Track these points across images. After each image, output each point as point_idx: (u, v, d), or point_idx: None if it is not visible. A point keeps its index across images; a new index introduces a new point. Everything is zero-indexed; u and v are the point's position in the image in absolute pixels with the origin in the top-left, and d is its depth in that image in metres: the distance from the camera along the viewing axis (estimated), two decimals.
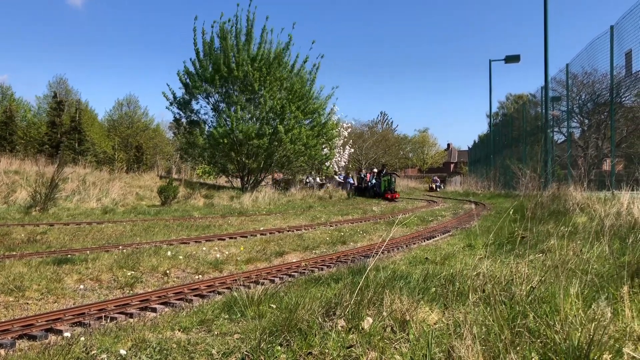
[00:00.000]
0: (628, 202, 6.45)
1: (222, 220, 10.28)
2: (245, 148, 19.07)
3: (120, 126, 48.19)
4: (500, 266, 3.66)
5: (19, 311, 3.86)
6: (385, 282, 3.31)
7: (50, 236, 7.25)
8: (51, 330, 3.31)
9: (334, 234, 8.23)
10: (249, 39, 19.93)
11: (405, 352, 2.23)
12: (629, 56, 11.42)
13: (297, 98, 20.05)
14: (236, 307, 3.21)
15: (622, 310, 2.40)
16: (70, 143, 35.16)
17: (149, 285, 4.86)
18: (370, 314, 2.61)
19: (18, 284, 4.21)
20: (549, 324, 2.16)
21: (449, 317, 2.67)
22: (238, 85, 19.43)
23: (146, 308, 3.91)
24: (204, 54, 20.06)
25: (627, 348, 2.00)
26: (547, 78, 16.90)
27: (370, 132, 54.52)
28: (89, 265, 4.98)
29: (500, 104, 62.71)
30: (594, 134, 15.31)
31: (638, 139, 13.74)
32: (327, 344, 2.32)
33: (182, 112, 21.10)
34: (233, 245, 6.77)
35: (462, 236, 7.29)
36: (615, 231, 5.08)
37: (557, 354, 1.96)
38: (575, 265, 3.49)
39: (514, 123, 25.23)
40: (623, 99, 13.35)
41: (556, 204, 8.66)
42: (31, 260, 5.12)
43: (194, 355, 2.40)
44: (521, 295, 2.75)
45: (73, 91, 45.05)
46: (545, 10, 16.49)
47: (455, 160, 74.39)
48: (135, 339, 2.65)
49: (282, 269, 5.42)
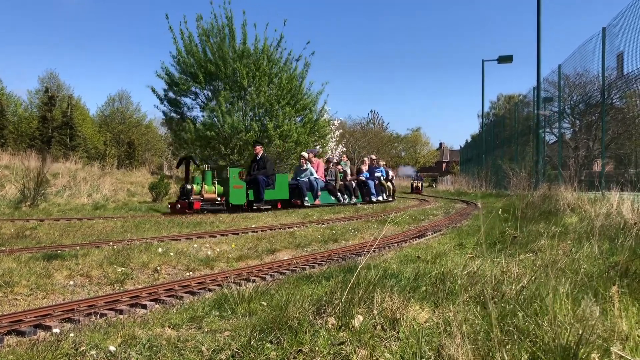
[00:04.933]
0: (617, 202, 6.51)
1: (214, 217, 10.25)
2: (234, 143, 19.02)
3: (112, 122, 47.96)
4: (491, 265, 3.68)
5: (7, 307, 3.83)
6: (376, 281, 3.32)
7: (40, 231, 7.20)
8: (40, 326, 3.29)
9: (325, 232, 8.23)
10: (232, 35, 19.85)
11: (396, 350, 2.24)
12: (620, 58, 11.51)
13: (288, 94, 20.02)
14: (227, 305, 3.20)
15: (611, 309, 2.42)
16: (61, 138, 34.95)
17: (139, 281, 4.84)
18: (361, 312, 2.62)
19: (7, 279, 4.18)
20: (539, 323, 2.18)
21: (440, 315, 2.68)
22: (226, 81, 19.37)
23: (136, 304, 3.90)
24: (186, 52, 19.95)
25: (615, 347, 2.01)
26: (539, 79, 16.99)
27: (362, 131, 54.58)
28: (79, 261, 4.95)
29: (491, 104, 63.03)
30: (585, 135, 15.42)
31: (628, 140, 13.85)
32: (317, 341, 2.32)
33: (170, 109, 21.05)
34: (224, 242, 6.76)
35: (454, 235, 7.32)
36: (605, 231, 5.13)
37: (546, 353, 1.98)
38: (565, 265, 3.52)
39: (506, 123, 25.37)
40: (614, 100, 13.46)
41: (547, 204, 8.72)
42: (20, 255, 5.09)
43: (184, 352, 2.40)
44: (511, 294, 2.77)
45: (65, 86, 44.76)
46: (539, 11, 16.57)
47: (447, 160, 74.68)
48: (125, 335, 2.64)
49: (274, 266, 5.41)
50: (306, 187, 14.40)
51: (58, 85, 43.80)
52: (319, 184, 14.92)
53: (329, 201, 15.61)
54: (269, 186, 12.92)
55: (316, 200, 14.72)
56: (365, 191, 17.92)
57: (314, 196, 14.67)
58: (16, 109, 42.02)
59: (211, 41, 19.70)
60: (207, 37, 19.76)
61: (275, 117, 19.22)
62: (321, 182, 15.21)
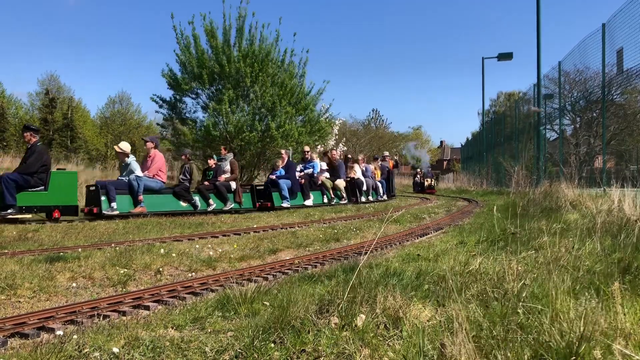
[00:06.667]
0: (619, 199, 6.50)
1: (215, 217, 10.26)
2: (237, 143, 19.03)
3: (113, 123, 48.01)
4: (493, 263, 3.68)
5: (10, 309, 3.84)
6: (378, 279, 3.32)
7: (42, 234, 7.21)
8: (43, 329, 3.30)
9: (327, 232, 8.24)
10: (240, 35, 19.89)
11: (398, 349, 2.24)
12: (620, 54, 11.50)
13: (289, 94, 20.05)
14: (229, 305, 3.21)
15: (613, 306, 2.42)
16: (62, 140, 35.03)
17: (141, 283, 4.85)
18: (363, 311, 2.62)
19: (10, 282, 4.19)
20: (541, 320, 2.18)
21: (442, 314, 2.68)
22: (229, 81, 19.39)
23: (139, 306, 3.90)
24: (189, 53, 19.97)
25: (618, 344, 2.02)
26: (539, 76, 16.99)
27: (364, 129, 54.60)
28: (81, 263, 4.96)
29: (491, 101, 62.98)
30: (586, 132, 15.41)
31: (629, 137, 13.85)
32: (320, 341, 2.33)
33: (171, 112, 21.05)
34: (226, 243, 6.77)
35: (455, 233, 7.31)
36: (607, 228, 5.12)
37: (548, 350, 1.98)
38: (567, 262, 3.52)
39: (506, 120, 25.35)
40: (614, 96, 13.45)
41: (548, 201, 8.71)
42: (23, 258, 5.09)
43: (187, 353, 2.40)
44: (513, 291, 2.77)
45: (65, 88, 44.80)
46: (538, 8, 16.57)
47: (448, 158, 74.64)
48: (128, 336, 2.65)
49: (276, 266, 5.42)
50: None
51: (58, 88, 43.87)
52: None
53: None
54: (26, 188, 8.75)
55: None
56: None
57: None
58: (17, 112, 42.10)
59: (218, 40, 19.71)
60: (211, 37, 19.77)
61: (278, 117, 19.23)
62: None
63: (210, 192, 11.67)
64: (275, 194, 13.06)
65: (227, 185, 12.08)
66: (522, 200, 9.68)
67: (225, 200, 11.88)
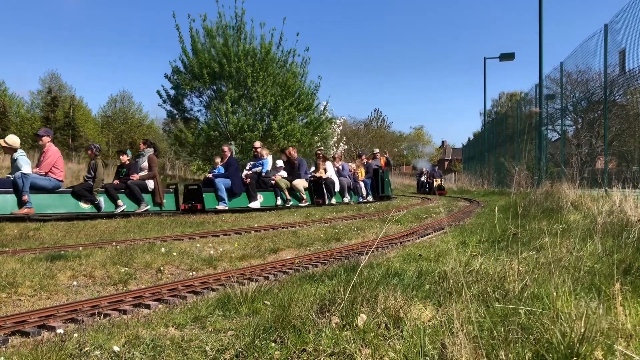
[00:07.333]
0: (620, 200, 6.49)
1: (216, 216, 10.27)
2: (238, 142, 19.05)
3: (114, 122, 48.07)
4: (494, 263, 3.67)
5: (11, 308, 3.84)
6: (379, 279, 3.32)
7: (43, 232, 7.22)
8: (44, 327, 3.30)
9: (328, 231, 8.24)
10: (238, 34, 19.92)
11: (399, 349, 2.24)
12: (622, 55, 11.49)
13: (290, 94, 20.07)
14: (230, 304, 3.21)
15: (614, 307, 2.42)
16: (64, 139, 35.07)
17: (142, 281, 4.85)
18: (364, 310, 2.62)
19: (11, 280, 4.19)
20: (542, 320, 2.18)
21: (443, 314, 2.68)
22: (230, 81, 19.41)
23: (140, 304, 3.90)
24: (192, 52, 20.02)
25: (619, 345, 2.01)
26: (541, 76, 16.98)
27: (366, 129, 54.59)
28: (82, 262, 4.96)
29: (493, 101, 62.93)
30: (587, 132, 15.40)
31: (631, 137, 13.83)
32: (321, 340, 2.32)
33: (174, 110, 21.09)
34: (227, 242, 6.77)
35: (456, 233, 7.31)
36: (608, 229, 5.11)
37: (549, 351, 1.98)
38: (568, 262, 3.51)
39: (508, 121, 25.34)
40: (616, 97, 13.44)
41: (549, 201, 8.71)
42: (24, 256, 5.10)
43: (187, 352, 2.40)
44: (514, 292, 2.77)
45: (67, 87, 44.85)
46: (540, 7, 16.55)
47: (450, 158, 74.59)
48: (129, 335, 2.65)
49: (276, 265, 5.41)
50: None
51: (60, 86, 43.91)
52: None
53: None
54: None
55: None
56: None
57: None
58: (18, 110, 42.14)
59: (217, 40, 19.75)
60: (212, 37, 19.81)
61: (280, 117, 19.25)
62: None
63: (120, 192, 10.28)
64: (208, 194, 11.47)
65: (141, 185, 10.54)
66: (524, 200, 9.68)
67: (139, 202, 10.41)
